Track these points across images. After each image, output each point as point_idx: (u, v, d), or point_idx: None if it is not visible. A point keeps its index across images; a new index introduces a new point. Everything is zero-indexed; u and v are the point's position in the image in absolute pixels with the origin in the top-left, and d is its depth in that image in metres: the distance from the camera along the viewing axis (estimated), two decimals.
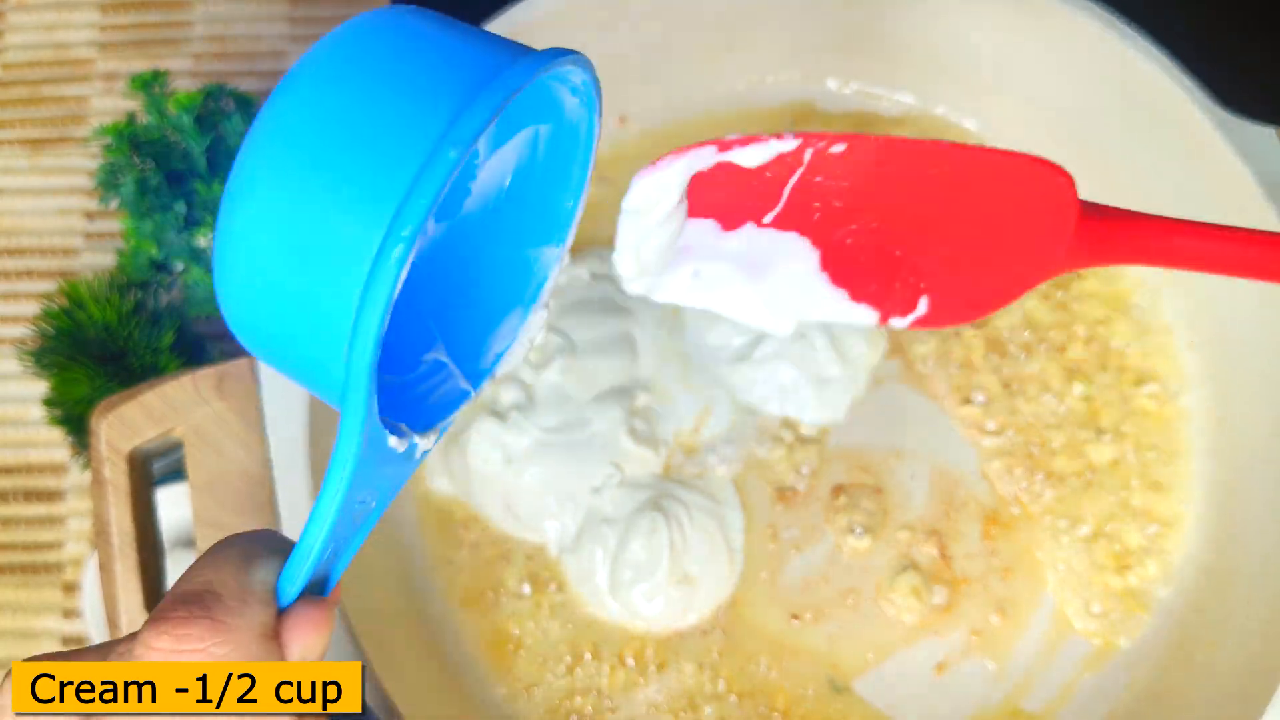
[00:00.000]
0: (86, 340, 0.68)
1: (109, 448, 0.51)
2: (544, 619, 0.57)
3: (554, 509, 0.57)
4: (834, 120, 0.64)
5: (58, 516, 0.79)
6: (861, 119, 0.64)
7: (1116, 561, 0.57)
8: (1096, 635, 0.56)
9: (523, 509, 0.57)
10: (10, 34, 0.87)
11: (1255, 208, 0.53)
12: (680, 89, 0.64)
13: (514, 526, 0.58)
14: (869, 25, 0.61)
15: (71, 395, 0.68)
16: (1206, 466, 0.58)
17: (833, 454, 0.59)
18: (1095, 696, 0.55)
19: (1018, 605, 0.56)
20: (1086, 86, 0.57)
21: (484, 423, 0.56)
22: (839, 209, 0.44)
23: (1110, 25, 0.54)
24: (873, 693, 0.56)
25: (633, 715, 0.56)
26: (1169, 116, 0.55)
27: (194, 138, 0.67)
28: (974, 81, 0.61)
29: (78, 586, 0.77)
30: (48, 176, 0.85)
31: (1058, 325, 0.60)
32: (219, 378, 0.51)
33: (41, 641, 0.77)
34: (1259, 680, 0.49)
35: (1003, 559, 0.57)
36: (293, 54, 0.86)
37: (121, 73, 0.86)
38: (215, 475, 0.51)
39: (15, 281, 0.83)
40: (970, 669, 0.56)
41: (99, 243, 0.84)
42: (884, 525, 0.58)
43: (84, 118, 0.86)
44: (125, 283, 0.70)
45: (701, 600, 0.56)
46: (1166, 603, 0.56)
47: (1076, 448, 0.58)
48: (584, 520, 0.56)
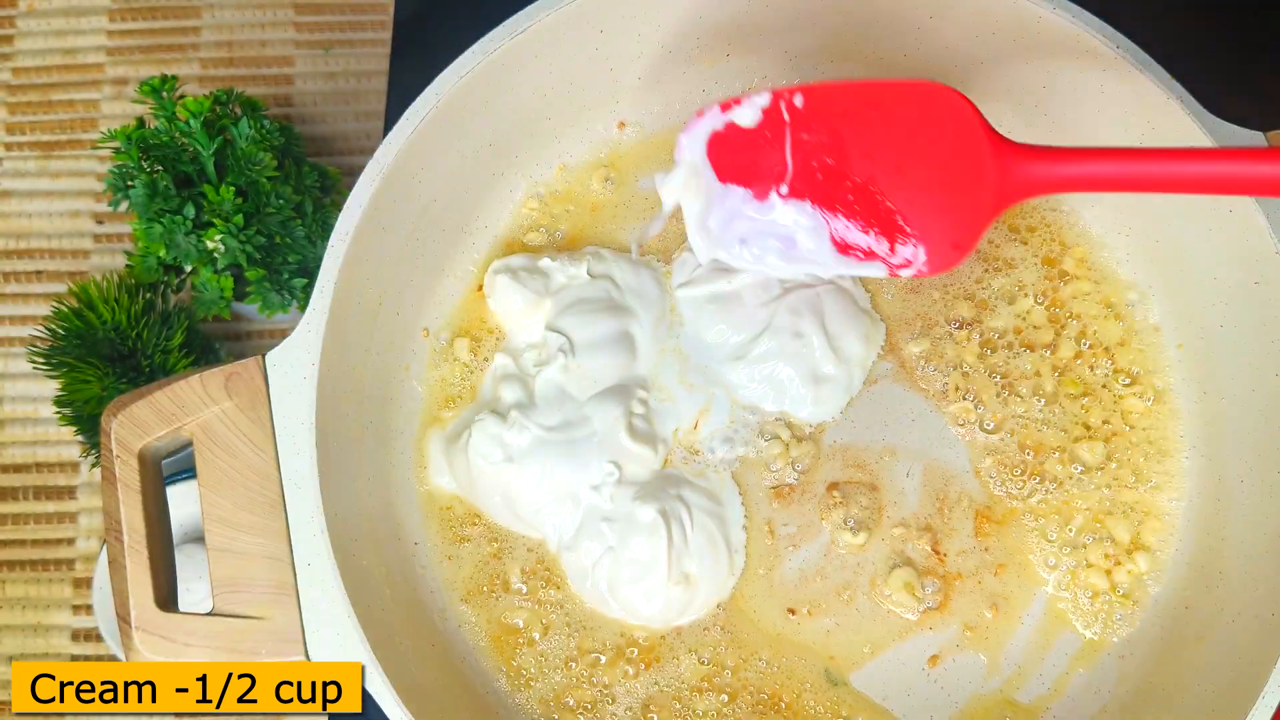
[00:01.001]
0: (97, 341, 0.69)
1: (119, 446, 0.51)
2: (544, 614, 0.58)
3: (554, 506, 0.58)
4: None
5: (69, 513, 0.80)
6: None
7: (1107, 558, 0.58)
8: (1088, 630, 0.57)
9: (523, 506, 0.58)
10: (21, 40, 0.88)
11: (1244, 210, 0.53)
12: (678, 95, 0.64)
13: (514, 523, 0.59)
14: (863, 33, 0.61)
15: (82, 395, 0.68)
16: (1195, 464, 0.59)
17: (828, 451, 0.60)
18: (1087, 690, 0.56)
19: (1010, 601, 0.57)
20: (1078, 93, 0.58)
21: (485, 421, 0.57)
22: (833, 166, 0.51)
23: (1101, 33, 0.55)
24: (868, 685, 0.56)
25: (631, 707, 0.56)
26: (1160, 122, 0.55)
27: (202, 142, 0.68)
28: (966, 86, 0.62)
29: (88, 582, 0.78)
30: (58, 180, 0.86)
31: (1049, 325, 0.61)
32: (227, 377, 0.52)
33: (52, 636, 0.78)
34: (1248, 674, 0.50)
35: (995, 555, 0.58)
36: (299, 60, 0.87)
37: (131, 78, 0.87)
38: (224, 472, 0.51)
39: (26, 283, 0.84)
40: (963, 663, 0.57)
41: (109, 245, 0.85)
42: (879, 522, 0.59)
43: (94, 122, 0.87)
44: (135, 284, 0.71)
45: (701, 600, 0.57)
46: (1156, 598, 0.57)
47: (1067, 446, 0.59)
48: (583, 518, 0.57)
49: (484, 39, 0.56)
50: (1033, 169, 0.47)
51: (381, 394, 0.59)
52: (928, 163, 0.50)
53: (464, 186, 0.61)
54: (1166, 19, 0.71)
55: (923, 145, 0.50)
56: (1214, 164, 0.45)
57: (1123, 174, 0.46)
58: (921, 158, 0.50)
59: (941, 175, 0.49)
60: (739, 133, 0.52)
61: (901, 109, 0.50)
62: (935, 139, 0.49)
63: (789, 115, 0.51)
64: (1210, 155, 0.45)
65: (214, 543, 0.50)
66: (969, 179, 0.49)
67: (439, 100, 0.55)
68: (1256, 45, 0.73)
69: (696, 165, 0.53)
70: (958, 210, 0.49)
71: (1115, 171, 0.46)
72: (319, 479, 0.51)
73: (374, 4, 0.88)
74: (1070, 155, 0.47)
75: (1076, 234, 0.62)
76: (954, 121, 0.49)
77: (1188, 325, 0.60)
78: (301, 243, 0.71)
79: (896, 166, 0.50)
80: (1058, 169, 0.47)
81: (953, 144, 0.49)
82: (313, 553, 0.50)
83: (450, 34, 0.57)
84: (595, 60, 0.61)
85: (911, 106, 0.50)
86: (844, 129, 0.51)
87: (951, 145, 0.49)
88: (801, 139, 0.51)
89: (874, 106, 0.50)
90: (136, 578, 0.49)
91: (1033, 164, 0.47)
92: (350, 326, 0.54)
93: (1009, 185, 0.48)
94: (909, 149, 0.50)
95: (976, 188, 0.48)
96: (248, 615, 0.49)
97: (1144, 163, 0.46)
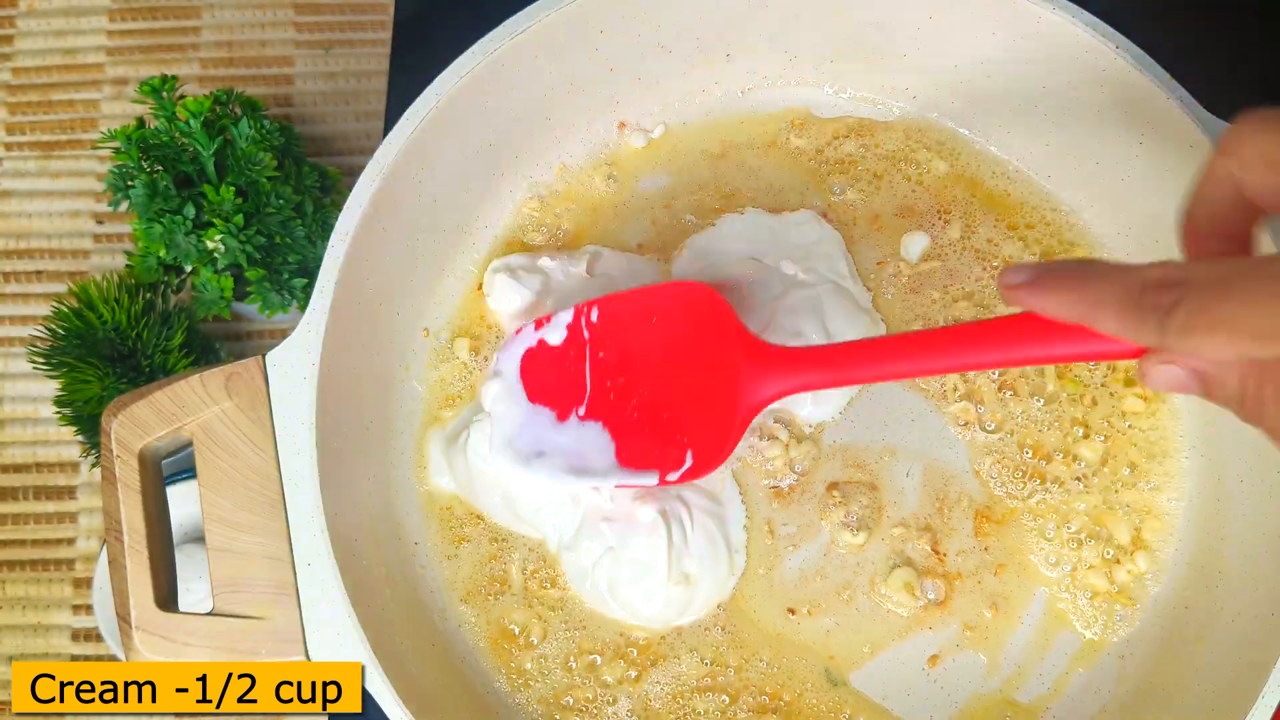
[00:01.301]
0: (97, 341, 0.69)
1: (119, 446, 0.51)
2: (544, 614, 0.58)
3: (553, 506, 0.58)
4: (829, 126, 0.64)
5: (69, 513, 0.80)
6: (856, 125, 0.65)
7: (1107, 558, 0.58)
8: (1088, 630, 0.57)
9: (522, 506, 0.58)
10: (21, 40, 0.88)
11: None
12: (678, 96, 0.65)
13: (514, 523, 0.59)
14: (864, 33, 0.61)
15: (82, 395, 0.69)
16: (1195, 464, 0.59)
17: (828, 451, 0.60)
18: (1087, 691, 0.56)
19: (1009, 600, 0.57)
20: (1077, 93, 0.58)
21: (484, 422, 0.57)
22: (623, 385, 0.54)
23: (1100, 33, 0.55)
24: (868, 685, 0.57)
25: (632, 709, 0.56)
26: (1158, 121, 0.55)
27: (202, 142, 0.68)
28: (966, 88, 0.62)
29: (88, 582, 0.78)
30: (58, 180, 0.86)
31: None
32: (227, 377, 0.52)
33: (52, 636, 0.78)
34: (1248, 674, 0.50)
35: (995, 555, 0.58)
36: (299, 60, 0.87)
37: (131, 78, 0.87)
38: (224, 472, 0.51)
39: (26, 283, 0.84)
40: (963, 662, 0.57)
41: (109, 245, 0.85)
42: (878, 521, 0.59)
43: (94, 122, 0.87)
44: (135, 284, 0.71)
45: (701, 601, 0.57)
46: (1156, 598, 0.57)
47: (1067, 446, 0.59)
48: (583, 518, 0.57)
49: (484, 39, 0.56)
50: (778, 375, 0.50)
51: (381, 394, 0.59)
52: (696, 368, 0.52)
53: (464, 186, 0.61)
54: (1166, 19, 0.71)
55: (691, 351, 0.53)
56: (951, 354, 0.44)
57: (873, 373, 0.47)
58: (691, 364, 0.52)
59: (707, 380, 0.52)
60: (549, 350, 0.55)
61: (672, 314, 0.53)
62: (701, 343, 0.52)
63: (588, 332, 0.54)
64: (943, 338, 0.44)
65: (214, 543, 0.50)
66: (729, 383, 0.51)
67: (439, 100, 0.55)
68: (1256, 45, 0.73)
69: (510, 384, 0.55)
70: (721, 414, 0.51)
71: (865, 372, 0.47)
72: (319, 479, 0.51)
73: (374, 4, 0.88)
74: (811, 360, 0.49)
75: (1076, 233, 0.62)
76: (714, 323, 0.52)
77: None
78: (301, 243, 0.71)
79: (672, 376, 0.53)
80: (799, 377, 0.49)
81: (714, 347, 0.52)
82: (313, 553, 0.50)
83: (450, 34, 0.57)
84: (595, 60, 0.61)
85: (679, 310, 0.53)
86: (629, 342, 0.54)
87: (713, 349, 0.52)
88: (598, 358, 0.54)
89: (651, 313, 0.53)
90: (136, 578, 0.49)
91: (778, 369, 0.50)
92: (350, 326, 0.54)
93: (760, 389, 0.50)
94: (680, 356, 0.53)
95: (735, 391, 0.51)
96: (248, 615, 0.49)
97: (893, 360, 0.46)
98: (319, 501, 0.51)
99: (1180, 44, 0.57)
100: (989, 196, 0.63)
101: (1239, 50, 0.72)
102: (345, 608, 0.49)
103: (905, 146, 0.64)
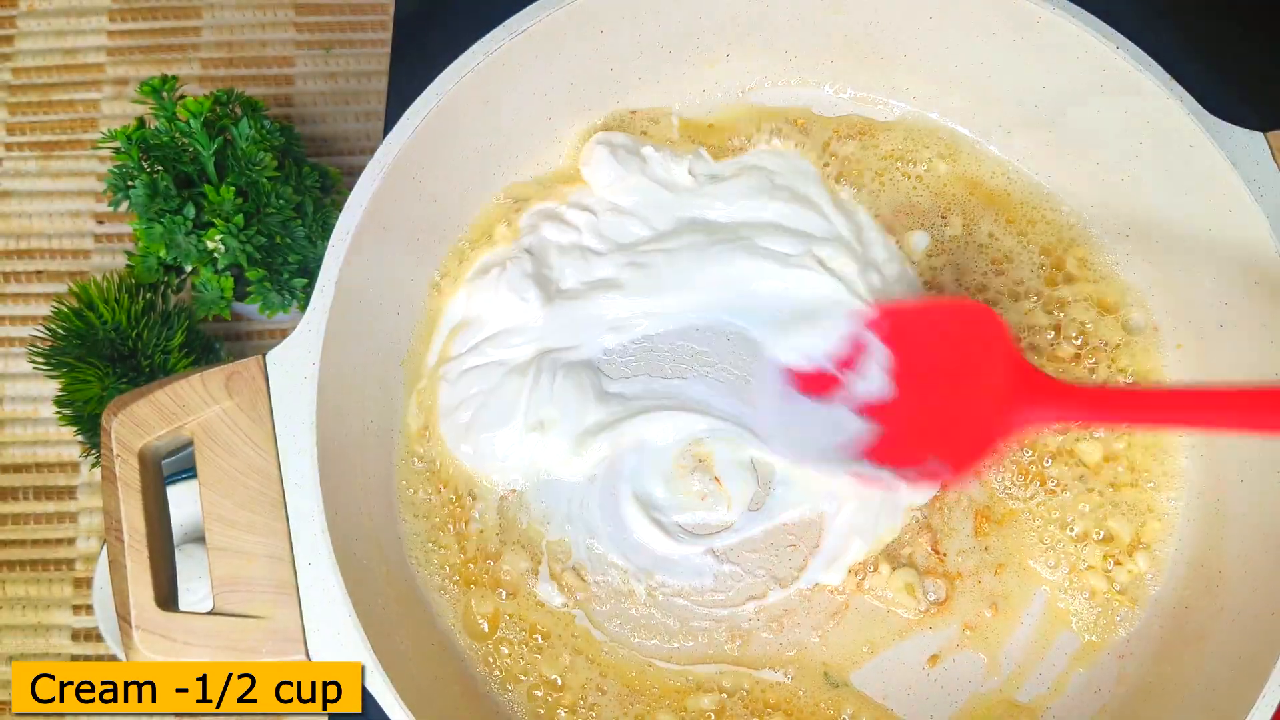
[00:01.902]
0: (97, 340, 0.69)
1: (120, 445, 0.51)
2: (544, 614, 0.58)
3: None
4: (829, 124, 0.65)
5: (69, 513, 0.80)
6: (856, 124, 0.65)
7: (1106, 558, 0.58)
8: (1087, 630, 0.57)
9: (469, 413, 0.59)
10: (21, 40, 0.89)
11: (1243, 209, 0.54)
12: (680, 94, 0.65)
13: (471, 457, 0.59)
14: (864, 33, 0.61)
15: (82, 395, 0.69)
16: (1195, 464, 0.59)
17: None
18: (1086, 690, 0.56)
19: (1009, 600, 0.57)
20: (1077, 93, 0.58)
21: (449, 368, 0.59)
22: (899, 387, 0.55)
23: (1101, 33, 0.55)
24: (868, 685, 0.56)
25: (630, 706, 0.56)
26: (1159, 122, 0.56)
27: (203, 142, 0.68)
28: (966, 88, 0.62)
29: (88, 582, 0.78)
30: (58, 180, 0.86)
31: (1049, 326, 0.61)
32: (228, 376, 0.52)
33: (52, 636, 0.78)
34: (1248, 674, 0.50)
35: (995, 555, 0.58)
36: (299, 60, 0.88)
37: (131, 78, 0.87)
38: (224, 472, 0.51)
39: (27, 283, 0.84)
40: (963, 662, 0.57)
41: (109, 245, 0.85)
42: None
43: (94, 122, 0.87)
44: (135, 284, 0.71)
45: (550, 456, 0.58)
46: (1156, 598, 0.57)
47: (1067, 446, 0.59)
48: (489, 364, 0.59)
49: (484, 39, 0.56)
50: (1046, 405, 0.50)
51: (381, 394, 0.59)
52: (962, 382, 0.54)
53: (464, 186, 0.61)
54: (1166, 19, 0.71)
55: (961, 365, 0.54)
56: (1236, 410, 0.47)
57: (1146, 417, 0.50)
58: (958, 377, 0.54)
59: (970, 395, 0.53)
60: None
61: (949, 329, 0.55)
62: (971, 359, 0.53)
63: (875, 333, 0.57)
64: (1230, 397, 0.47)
65: (214, 542, 0.50)
66: (992, 401, 0.52)
67: (439, 100, 0.55)
68: (1256, 45, 0.73)
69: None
70: (977, 429, 0.52)
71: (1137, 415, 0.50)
72: (319, 479, 0.51)
73: (374, 4, 0.88)
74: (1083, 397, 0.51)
75: (1077, 234, 0.62)
76: (989, 342, 0.52)
77: (1187, 325, 0.59)
78: (302, 243, 0.71)
79: (937, 386, 0.54)
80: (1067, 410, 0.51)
81: (984, 365, 0.53)
82: (313, 552, 0.50)
83: (450, 34, 0.57)
84: (595, 60, 0.61)
85: (957, 326, 0.54)
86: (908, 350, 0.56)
87: (982, 366, 0.53)
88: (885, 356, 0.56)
89: (934, 327, 0.55)
90: (136, 577, 0.49)
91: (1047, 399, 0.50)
92: (350, 326, 0.54)
93: (1024, 414, 0.51)
94: (949, 368, 0.54)
95: (996, 410, 0.51)
96: (248, 615, 0.49)
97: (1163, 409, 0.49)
98: (319, 501, 0.51)
99: (1180, 44, 0.57)
100: (989, 196, 0.63)
101: (1239, 50, 0.72)
102: (345, 607, 0.49)
103: (906, 146, 0.64)
